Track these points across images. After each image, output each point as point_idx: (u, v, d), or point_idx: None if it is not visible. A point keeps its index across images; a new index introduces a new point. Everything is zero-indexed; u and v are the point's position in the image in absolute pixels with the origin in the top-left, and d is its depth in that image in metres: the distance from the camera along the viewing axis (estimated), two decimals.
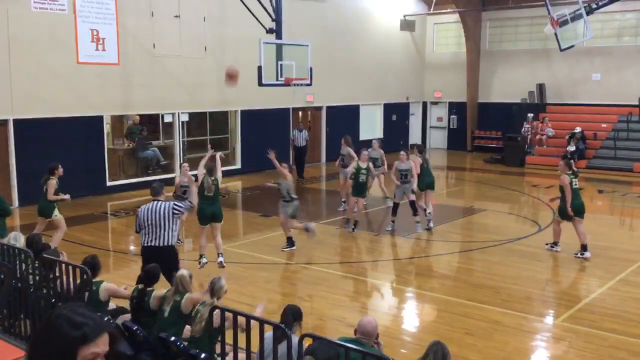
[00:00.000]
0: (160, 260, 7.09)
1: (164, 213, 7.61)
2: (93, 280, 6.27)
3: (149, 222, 7.63)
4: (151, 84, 17.02)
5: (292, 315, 5.26)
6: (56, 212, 10.50)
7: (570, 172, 10.84)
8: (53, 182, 10.35)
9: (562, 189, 10.70)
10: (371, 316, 5.35)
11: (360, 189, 12.41)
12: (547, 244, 11.20)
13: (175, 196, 10.79)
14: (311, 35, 18.67)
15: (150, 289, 6.24)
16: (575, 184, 10.77)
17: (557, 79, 23.98)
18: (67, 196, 10.56)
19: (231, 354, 5.32)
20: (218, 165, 10.22)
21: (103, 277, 7.00)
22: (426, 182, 12.67)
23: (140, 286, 6.33)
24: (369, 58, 24.01)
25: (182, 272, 6.18)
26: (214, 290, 5.77)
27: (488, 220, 13.83)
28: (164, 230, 7.61)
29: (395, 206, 12.56)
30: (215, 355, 5.46)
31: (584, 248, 10.64)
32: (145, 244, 7.69)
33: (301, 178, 18.97)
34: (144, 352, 5.76)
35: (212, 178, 9.92)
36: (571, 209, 10.49)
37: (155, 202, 7.78)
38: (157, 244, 7.62)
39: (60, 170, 10.52)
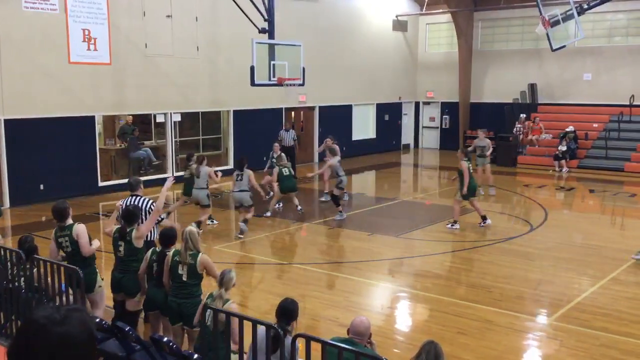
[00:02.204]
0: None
1: (143, 209, 7.61)
2: (65, 225, 6.74)
3: None
4: (143, 84, 16.97)
5: (287, 314, 5.24)
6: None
7: (466, 159, 12.57)
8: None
9: (460, 173, 12.44)
10: (364, 316, 5.35)
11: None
12: (448, 224, 12.69)
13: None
14: (304, 35, 18.66)
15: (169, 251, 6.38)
16: (471, 169, 12.66)
17: (549, 79, 24.07)
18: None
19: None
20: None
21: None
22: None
23: (157, 248, 6.44)
24: (362, 58, 24.03)
25: (191, 228, 6.26)
26: (223, 281, 5.81)
27: (480, 220, 13.85)
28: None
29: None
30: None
31: (484, 218, 12.65)
32: None
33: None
34: (136, 353, 5.74)
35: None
36: (466, 190, 12.37)
37: (134, 197, 7.79)
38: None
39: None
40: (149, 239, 7.65)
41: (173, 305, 6.19)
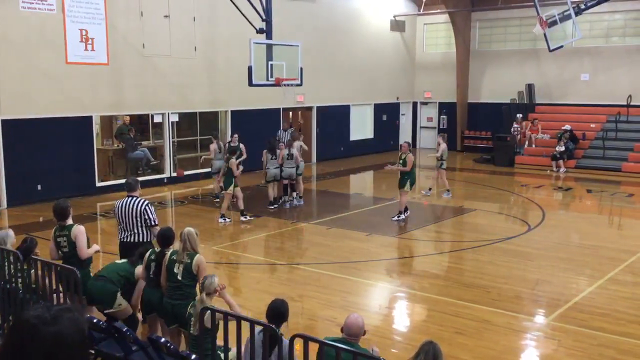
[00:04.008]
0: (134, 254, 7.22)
1: (136, 211, 7.60)
2: (65, 225, 6.81)
3: (122, 218, 7.69)
4: (141, 84, 16.95)
5: (278, 316, 5.21)
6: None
7: (409, 152, 13.38)
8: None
9: (405, 164, 13.11)
10: (357, 314, 5.32)
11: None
12: (392, 217, 13.26)
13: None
14: (301, 36, 18.67)
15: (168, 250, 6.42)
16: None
17: (546, 79, 24.09)
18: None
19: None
20: None
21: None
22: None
23: (157, 249, 6.48)
24: (360, 58, 24.04)
25: (189, 229, 6.29)
26: (204, 286, 5.81)
27: (478, 220, 13.87)
28: (137, 227, 7.63)
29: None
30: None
31: (404, 211, 13.40)
32: (121, 239, 7.79)
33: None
34: (134, 353, 5.73)
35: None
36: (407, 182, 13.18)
37: (130, 198, 7.78)
38: (131, 240, 7.66)
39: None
40: (144, 240, 7.65)
41: (167, 306, 6.20)
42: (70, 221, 6.88)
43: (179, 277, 6.13)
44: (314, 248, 11.70)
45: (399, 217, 13.30)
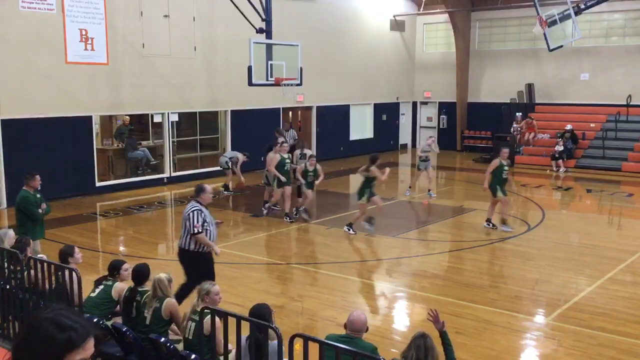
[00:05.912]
0: (181, 261, 7.42)
1: (184, 215, 7.58)
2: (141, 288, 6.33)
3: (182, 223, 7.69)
4: (140, 84, 16.94)
5: (259, 319, 5.19)
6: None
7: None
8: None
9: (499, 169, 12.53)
10: (359, 310, 5.34)
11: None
12: (493, 226, 12.54)
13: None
14: (301, 35, 18.67)
15: (142, 288, 6.22)
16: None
17: (546, 79, 24.10)
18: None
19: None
20: None
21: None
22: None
23: (131, 285, 6.36)
24: (359, 58, 24.04)
25: (161, 275, 6.02)
26: (198, 291, 5.79)
27: (478, 220, 13.85)
28: (183, 231, 7.59)
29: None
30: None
31: (488, 221, 12.73)
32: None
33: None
34: (133, 354, 5.73)
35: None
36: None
37: (190, 201, 7.77)
38: (180, 245, 7.67)
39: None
40: (187, 247, 7.50)
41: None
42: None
43: (147, 322, 5.89)
44: (314, 248, 11.70)
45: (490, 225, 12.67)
